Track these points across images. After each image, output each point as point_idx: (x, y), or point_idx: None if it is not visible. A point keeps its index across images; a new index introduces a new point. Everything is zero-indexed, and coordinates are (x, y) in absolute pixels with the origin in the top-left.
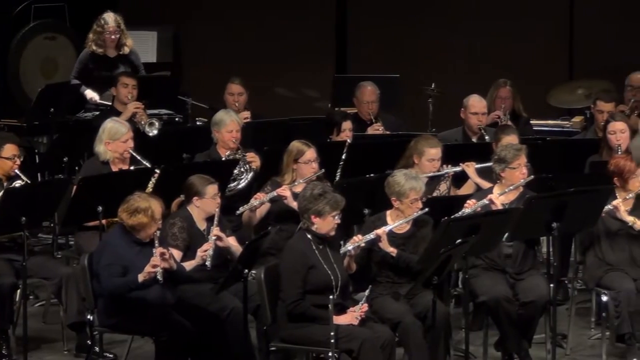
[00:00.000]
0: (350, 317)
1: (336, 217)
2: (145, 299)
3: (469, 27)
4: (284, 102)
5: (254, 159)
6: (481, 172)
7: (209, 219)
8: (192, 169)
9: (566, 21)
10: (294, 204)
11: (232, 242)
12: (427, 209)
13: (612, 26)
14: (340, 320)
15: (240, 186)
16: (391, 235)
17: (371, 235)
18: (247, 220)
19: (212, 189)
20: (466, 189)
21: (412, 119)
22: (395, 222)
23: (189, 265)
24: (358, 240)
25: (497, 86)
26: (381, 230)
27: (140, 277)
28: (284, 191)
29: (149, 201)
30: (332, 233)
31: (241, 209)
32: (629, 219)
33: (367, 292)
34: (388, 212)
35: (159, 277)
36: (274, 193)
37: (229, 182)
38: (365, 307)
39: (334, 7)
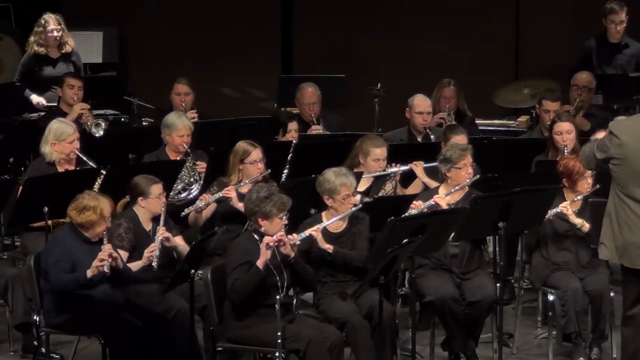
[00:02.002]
0: (264, 251)
1: (283, 218)
2: (93, 298)
3: (415, 27)
4: (230, 102)
5: (204, 170)
6: (429, 172)
7: (155, 219)
8: (139, 170)
9: (512, 21)
10: (239, 205)
11: (179, 241)
12: (360, 205)
13: (557, 26)
14: (261, 260)
15: (190, 196)
16: (328, 235)
17: (305, 233)
18: (193, 221)
19: (156, 189)
20: (413, 188)
21: (358, 119)
22: (330, 220)
23: (135, 265)
24: (293, 239)
25: (441, 86)
26: (315, 228)
27: (89, 273)
28: (230, 192)
29: (98, 199)
30: (280, 234)
31: (186, 210)
32: (577, 221)
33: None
34: (323, 213)
35: (106, 269)
36: (220, 194)
37: (175, 182)
38: (280, 235)
39: (280, 6)
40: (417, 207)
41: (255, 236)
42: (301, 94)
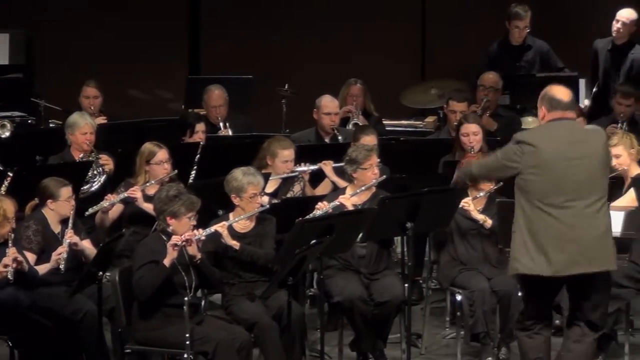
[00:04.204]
0: (171, 250)
1: (192, 219)
2: None
3: (322, 28)
4: (137, 104)
5: (107, 162)
6: (339, 172)
7: (64, 222)
8: (46, 171)
9: (418, 21)
10: (145, 205)
11: (86, 245)
12: (267, 206)
13: (464, 26)
14: (168, 258)
15: (93, 189)
16: (235, 234)
17: (212, 229)
18: (100, 221)
19: (66, 192)
20: (323, 188)
21: (266, 120)
22: (237, 217)
23: (43, 268)
24: (198, 234)
25: (348, 85)
26: (222, 224)
27: None
28: (135, 192)
29: (1, 200)
30: (188, 233)
31: (91, 210)
32: (480, 217)
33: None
34: (231, 213)
35: (10, 276)
36: (125, 194)
37: (83, 184)
38: (188, 234)
39: (187, 7)
40: (322, 207)
41: (163, 237)
42: (208, 96)
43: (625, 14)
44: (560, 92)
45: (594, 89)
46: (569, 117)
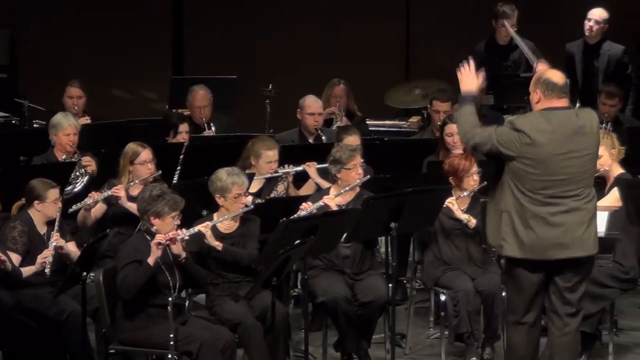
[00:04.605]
0: (155, 249)
1: (175, 218)
2: None
3: (306, 28)
4: (121, 104)
5: (89, 163)
6: (322, 172)
7: (49, 223)
8: (30, 172)
9: (402, 21)
10: (129, 205)
11: (71, 247)
12: (252, 207)
13: (448, 26)
14: (152, 257)
15: (76, 189)
16: (219, 235)
17: (195, 229)
18: (82, 220)
19: (53, 194)
20: (306, 189)
21: (250, 120)
22: (220, 218)
23: (28, 270)
24: (182, 234)
25: (331, 85)
26: (205, 224)
27: None
28: (119, 191)
29: None
30: (172, 233)
31: (74, 207)
32: (464, 217)
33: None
34: (215, 214)
35: None
36: (109, 192)
37: (67, 184)
38: (171, 233)
39: (171, 7)
40: (306, 208)
41: (147, 237)
42: (192, 96)
43: (597, 13)
44: (556, 76)
45: (576, 93)
46: (564, 105)
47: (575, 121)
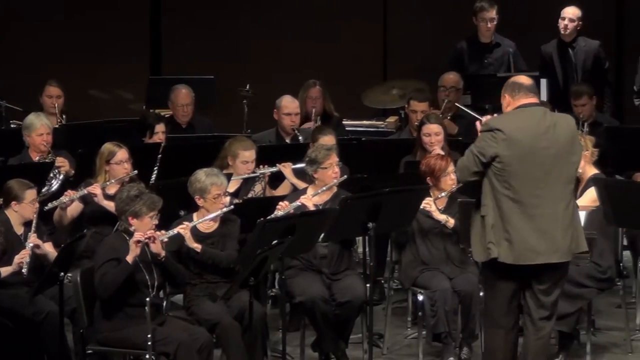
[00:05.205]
0: (134, 247)
1: (154, 218)
2: None
3: (283, 28)
4: (97, 104)
5: (63, 164)
6: (298, 173)
7: (27, 224)
8: (5, 172)
9: (379, 21)
10: (105, 203)
11: (48, 248)
12: (232, 207)
13: (425, 26)
14: (130, 255)
15: (51, 190)
16: (199, 235)
17: (174, 231)
18: (58, 219)
19: (30, 194)
20: (282, 189)
21: (227, 120)
22: (200, 219)
23: (5, 271)
24: (161, 235)
25: (307, 87)
26: (184, 225)
27: None
28: (94, 189)
29: None
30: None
31: (50, 205)
32: (442, 217)
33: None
34: (195, 214)
35: None
36: (85, 191)
37: (43, 184)
38: (150, 232)
39: (147, 6)
40: (283, 208)
41: (125, 236)
42: (175, 95)
43: (571, 11)
44: (521, 78)
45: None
46: (533, 101)
47: (549, 118)
